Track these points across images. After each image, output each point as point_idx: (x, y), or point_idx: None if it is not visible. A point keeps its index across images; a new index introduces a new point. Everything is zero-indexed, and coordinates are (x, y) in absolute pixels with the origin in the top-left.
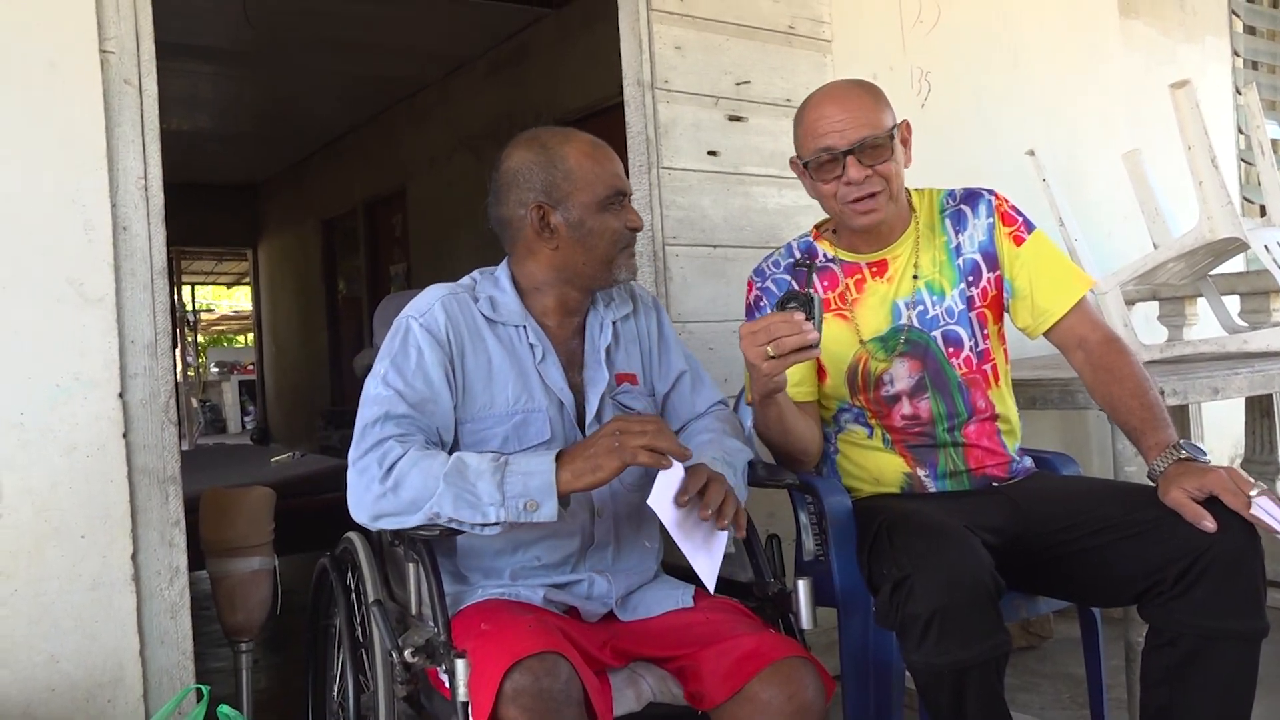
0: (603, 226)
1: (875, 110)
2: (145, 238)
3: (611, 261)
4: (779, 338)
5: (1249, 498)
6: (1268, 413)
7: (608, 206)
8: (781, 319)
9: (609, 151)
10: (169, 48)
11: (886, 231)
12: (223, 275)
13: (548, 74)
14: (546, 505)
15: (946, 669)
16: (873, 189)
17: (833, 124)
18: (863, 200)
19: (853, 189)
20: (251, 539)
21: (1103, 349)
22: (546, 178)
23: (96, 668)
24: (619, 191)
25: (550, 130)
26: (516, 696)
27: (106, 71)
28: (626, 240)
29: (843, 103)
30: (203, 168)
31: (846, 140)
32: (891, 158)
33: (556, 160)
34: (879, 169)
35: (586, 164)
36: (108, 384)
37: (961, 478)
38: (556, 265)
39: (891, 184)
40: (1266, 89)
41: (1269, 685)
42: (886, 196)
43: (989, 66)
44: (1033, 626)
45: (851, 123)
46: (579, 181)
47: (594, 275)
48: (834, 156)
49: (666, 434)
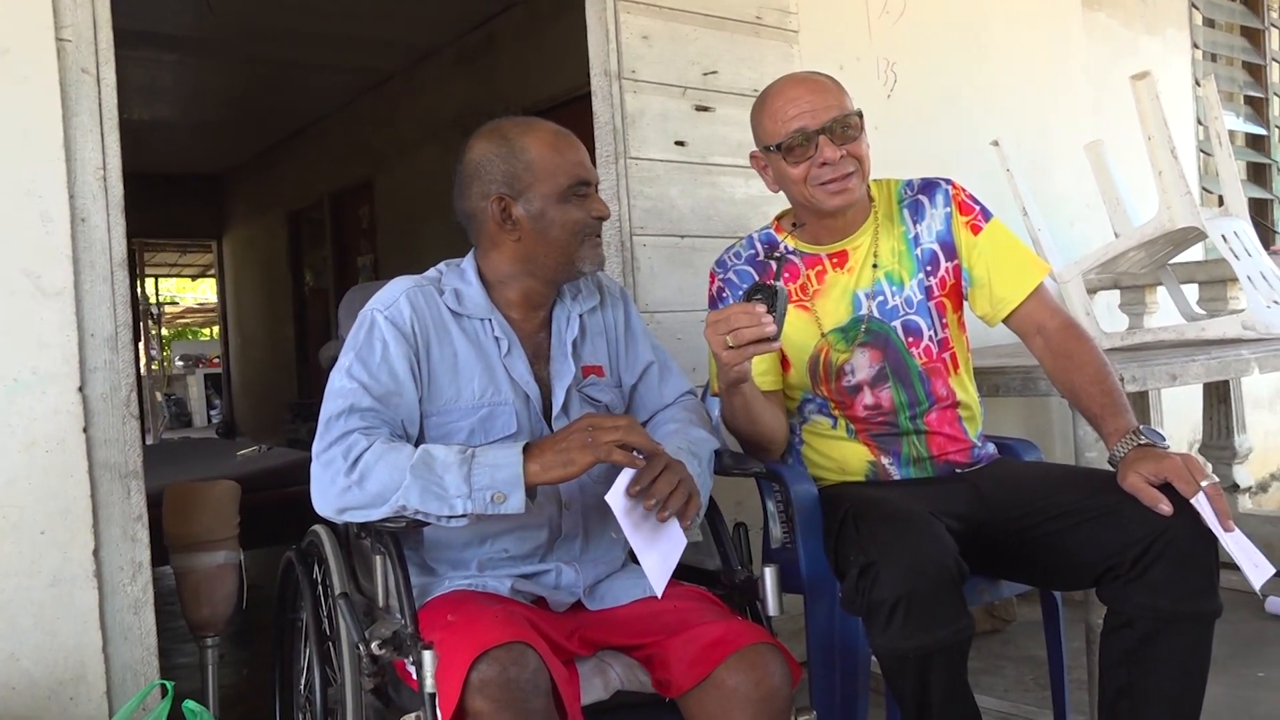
0: (564, 217)
1: (841, 94)
2: (104, 229)
3: (574, 252)
4: (737, 329)
5: (1199, 487)
6: (1224, 399)
7: (569, 197)
8: (742, 309)
9: (572, 141)
10: (129, 35)
11: (846, 222)
12: (187, 267)
13: (517, 63)
14: (514, 497)
15: (911, 653)
16: (846, 169)
17: (802, 106)
18: (836, 180)
19: (826, 169)
20: (216, 533)
21: (1062, 335)
22: (507, 169)
23: (58, 665)
24: (581, 181)
25: (513, 121)
26: (483, 687)
27: (63, 60)
28: (591, 230)
29: (809, 85)
30: (166, 158)
31: (818, 120)
32: (860, 137)
33: (517, 151)
34: (851, 149)
35: (547, 154)
36: (67, 378)
37: (925, 465)
38: (520, 257)
39: (863, 165)
40: (1225, 81)
41: (1221, 665)
42: (859, 177)
43: (955, 58)
44: (997, 610)
45: (821, 104)
46: (540, 172)
47: (557, 266)
48: (807, 137)
49: (639, 431)
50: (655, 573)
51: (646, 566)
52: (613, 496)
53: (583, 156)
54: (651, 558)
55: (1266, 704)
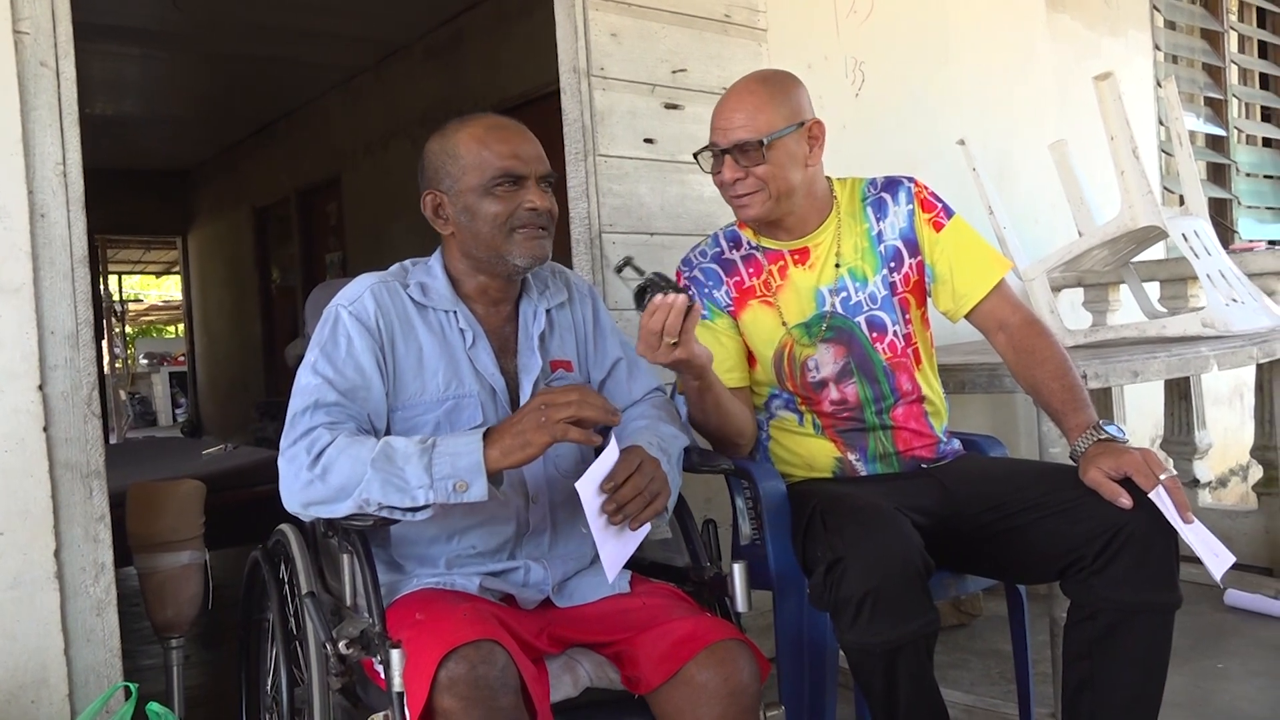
0: (485, 210)
1: (767, 110)
2: (64, 225)
3: (501, 245)
4: (662, 328)
5: (1158, 480)
6: (1185, 395)
7: (492, 189)
8: (648, 315)
9: (508, 133)
10: (91, 29)
11: (800, 223)
12: (151, 264)
13: (486, 60)
14: (476, 485)
15: (878, 648)
16: (743, 190)
17: (721, 120)
18: (737, 197)
19: (728, 186)
20: (181, 533)
21: (1024, 331)
22: (440, 165)
23: (19, 668)
24: (506, 173)
25: (464, 118)
26: (452, 685)
27: (21, 53)
28: (520, 222)
29: (739, 99)
30: (131, 154)
31: (726, 139)
32: (765, 162)
33: (449, 147)
34: (754, 171)
35: (473, 148)
36: (26, 376)
37: (891, 460)
38: (461, 252)
39: (770, 185)
40: (1185, 82)
41: (1182, 656)
42: (765, 196)
43: (922, 57)
44: (963, 605)
45: (735, 123)
46: (465, 166)
47: (490, 260)
48: (715, 155)
49: (592, 401)
50: (610, 561)
51: (603, 554)
52: (583, 485)
53: (516, 148)
54: (609, 547)
55: (1225, 694)
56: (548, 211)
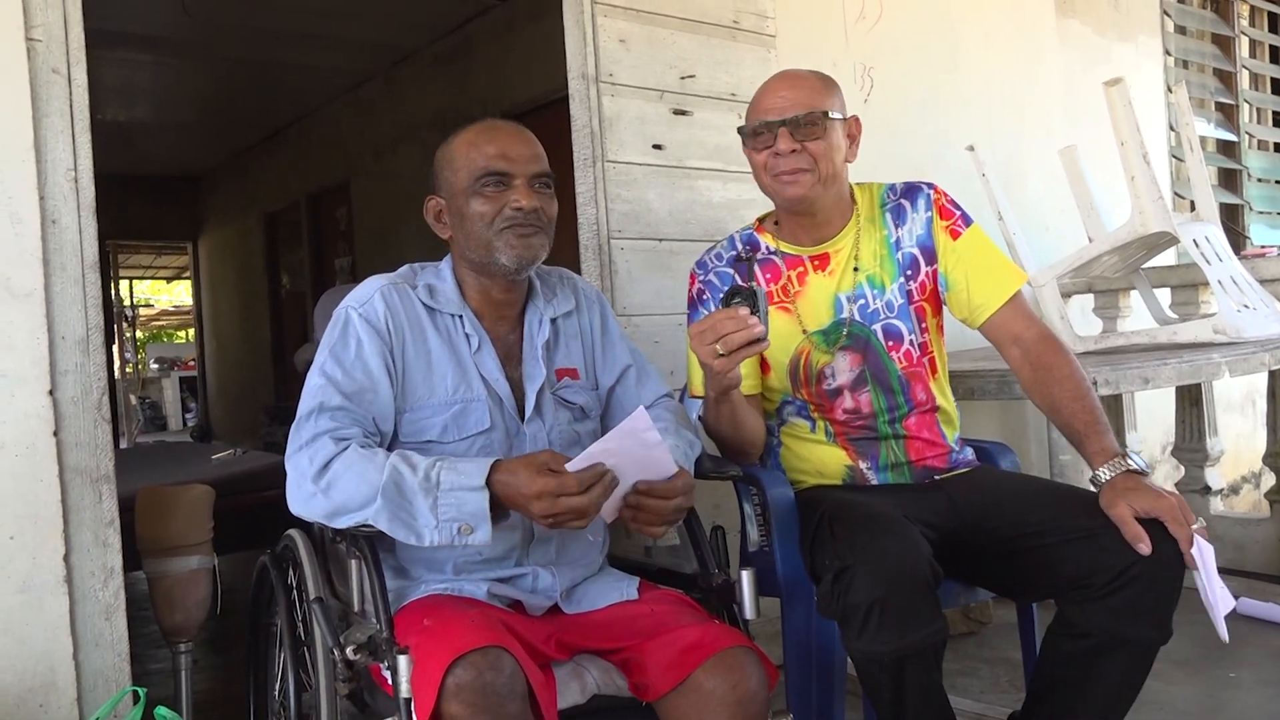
0: (473, 210)
1: (821, 94)
2: (76, 231)
3: (489, 244)
4: (726, 335)
5: (1192, 532)
6: (1197, 401)
7: (480, 189)
8: (726, 315)
9: (498, 134)
10: (103, 36)
11: (825, 223)
12: (162, 269)
13: (494, 66)
14: (480, 530)
15: (886, 657)
16: (797, 164)
17: (775, 99)
18: (787, 173)
19: (779, 160)
20: (189, 537)
21: (1040, 347)
22: (439, 171)
23: (27, 672)
24: (490, 172)
25: (471, 123)
26: (459, 692)
27: (33, 60)
28: (506, 222)
29: (792, 81)
30: (141, 160)
31: (782, 114)
32: (823, 137)
33: (447, 153)
34: (809, 145)
35: (463, 150)
36: (37, 381)
37: (903, 470)
38: (460, 256)
39: (820, 164)
40: (1196, 88)
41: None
42: (814, 176)
43: (930, 63)
44: (972, 613)
45: (792, 99)
46: (456, 168)
47: (484, 262)
48: (769, 126)
49: (595, 509)
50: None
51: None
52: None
53: (504, 148)
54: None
55: (1237, 704)
56: (535, 210)
